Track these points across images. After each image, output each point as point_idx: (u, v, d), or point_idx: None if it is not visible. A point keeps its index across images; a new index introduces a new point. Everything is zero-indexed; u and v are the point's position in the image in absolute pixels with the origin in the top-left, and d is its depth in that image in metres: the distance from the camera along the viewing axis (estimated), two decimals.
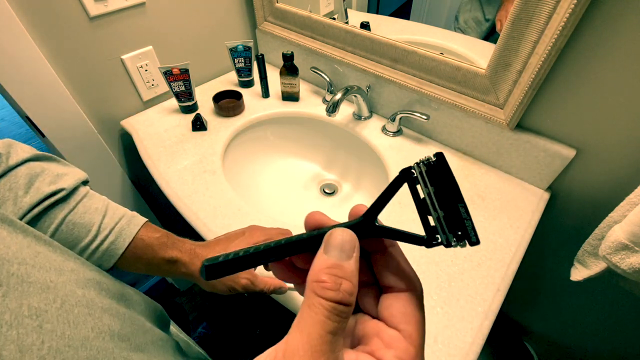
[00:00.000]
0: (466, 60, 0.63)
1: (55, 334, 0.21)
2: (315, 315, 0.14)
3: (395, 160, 0.73)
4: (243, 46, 0.88)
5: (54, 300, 0.23)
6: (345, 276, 0.15)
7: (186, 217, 0.63)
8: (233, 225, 0.61)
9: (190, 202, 0.65)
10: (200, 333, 1.27)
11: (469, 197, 0.65)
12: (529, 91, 0.55)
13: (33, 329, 0.20)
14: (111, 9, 0.71)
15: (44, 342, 0.20)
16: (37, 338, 0.20)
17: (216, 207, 0.64)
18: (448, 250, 0.56)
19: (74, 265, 0.29)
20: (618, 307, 0.74)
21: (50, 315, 0.22)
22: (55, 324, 0.22)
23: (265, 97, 0.93)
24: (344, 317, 0.14)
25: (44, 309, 0.21)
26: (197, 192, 0.67)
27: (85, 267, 0.31)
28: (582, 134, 0.57)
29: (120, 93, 0.83)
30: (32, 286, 0.22)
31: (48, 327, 0.21)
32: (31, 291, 0.21)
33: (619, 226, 0.45)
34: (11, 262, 0.22)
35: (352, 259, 0.16)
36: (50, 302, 0.22)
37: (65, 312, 0.23)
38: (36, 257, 0.24)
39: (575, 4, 0.44)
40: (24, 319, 0.20)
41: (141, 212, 0.44)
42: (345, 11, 0.87)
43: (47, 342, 0.20)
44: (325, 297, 0.14)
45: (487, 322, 0.48)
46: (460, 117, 0.69)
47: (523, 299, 0.94)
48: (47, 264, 0.25)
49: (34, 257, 0.24)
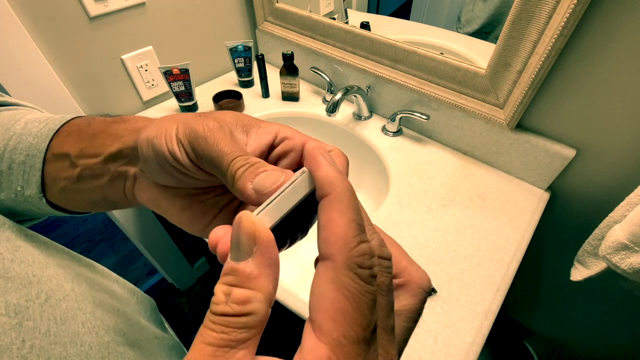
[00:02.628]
0: (466, 60, 0.63)
1: (38, 331, 0.20)
2: (202, 327, 0.12)
3: (395, 160, 0.73)
4: (243, 46, 0.88)
5: (37, 295, 0.21)
6: (238, 283, 0.12)
7: None
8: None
9: None
10: None
11: (469, 197, 0.65)
12: (529, 91, 0.55)
13: (11, 327, 0.19)
14: (111, 9, 0.71)
15: (25, 340, 0.19)
16: (17, 337, 0.19)
17: None
18: (448, 250, 0.56)
19: (62, 260, 0.27)
20: (618, 307, 0.74)
21: (32, 312, 0.20)
22: (37, 320, 0.20)
23: (265, 97, 0.93)
24: (238, 327, 0.12)
25: (24, 305, 0.20)
26: None
27: (75, 262, 0.29)
28: (582, 134, 0.57)
29: (120, 93, 0.83)
30: (11, 282, 0.20)
31: (29, 324, 0.20)
32: (9, 287, 0.20)
33: (619, 226, 0.45)
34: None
35: (251, 257, 0.12)
36: (32, 297, 0.21)
37: (50, 308, 0.22)
38: (16, 252, 0.22)
39: (575, 4, 0.44)
40: (0, 318, 0.19)
41: (142, 215, 0.43)
42: (345, 11, 0.87)
43: (28, 340, 0.19)
44: (211, 311, 0.12)
45: (487, 322, 0.48)
46: (460, 117, 0.69)
47: (523, 299, 0.94)
48: (30, 258, 0.23)
49: (14, 252, 0.22)
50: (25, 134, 0.24)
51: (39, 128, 0.24)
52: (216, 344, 0.11)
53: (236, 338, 0.11)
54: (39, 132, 0.23)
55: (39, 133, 0.23)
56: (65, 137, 0.24)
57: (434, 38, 0.72)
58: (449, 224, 0.60)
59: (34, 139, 0.23)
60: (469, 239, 0.58)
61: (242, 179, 0.16)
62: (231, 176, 0.16)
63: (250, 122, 0.20)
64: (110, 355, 0.25)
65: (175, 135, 0.18)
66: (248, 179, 0.16)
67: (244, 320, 0.12)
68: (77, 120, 0.25)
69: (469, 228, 0.59)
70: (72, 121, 0.25)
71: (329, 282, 0.12)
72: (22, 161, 0.23)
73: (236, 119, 0.20)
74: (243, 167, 0.16)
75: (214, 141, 0.17)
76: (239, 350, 0.11)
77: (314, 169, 0.14)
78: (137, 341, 0.30)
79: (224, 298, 0.12)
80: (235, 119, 0.20)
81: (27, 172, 0.23)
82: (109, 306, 0.29)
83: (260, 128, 0.20)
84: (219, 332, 0.11)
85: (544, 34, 0.49)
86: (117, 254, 1.57)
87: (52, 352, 0.20)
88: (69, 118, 0.25)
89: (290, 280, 0.53)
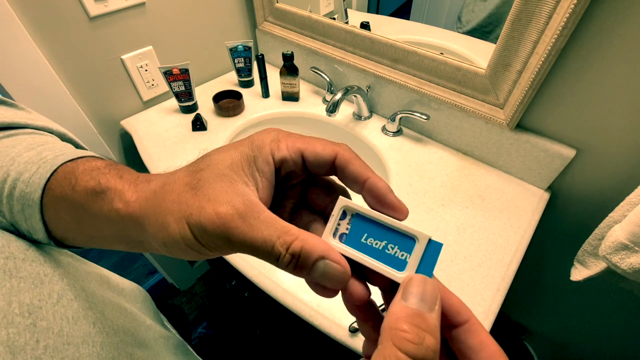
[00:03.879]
0: (466, 60, 0.63)
1: (51, 331, 0.20)
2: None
3: (395, 160, 0.73)
4: (243, 46, 0.88)
5: (49, 295, 0.21)
6: (428, 329, 0.14)
7: None
8: None
9: None
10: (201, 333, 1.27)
11: (469, 197, 0.65)
12: (529, 91, 0.55)
13: (26, 327, 0.19)
14: (111, 9, 0.71)
15: (39, 341, 0.19)
16: (31, 337, 0.19)
17: None
18: (448, 250, 0.56)
19: (72, 259, 0.27)
20: (618, 307, 0.74)
21: (46, 312, 0.20)
22: (51, 320, 0.20)
23: (265, 97, 0.93)
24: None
25: (37, 305, 0.20)
26: None
27: (81, 262, 0.29)
28: (582, 134, 0.57)
29: (120, 93, 0.83)
30: (23, 281, 0.20)
31: (43, 324, 0.20)
32: (22, 287, 0.20)
33: (619, 226, 0.45)
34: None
35: (434, 312, 0.14)
36: (45, 297, 0.21)
37: (62, 308, 0.21)
38: (27, 251, 0.22)
39: (575, 4, 0.44)
40: (14, 318, 0.18)
41: None
42: (345, 11, 0.86)
43: (42, 340, 0.19)
44: (405, 350, 0.13)
45: (487, 322, 0.48)
46: (460, 117, 0.69)
47: (523, 299, 0.94)
48: (41, 257, 0.22)
49: (25, 251, 0.22)
50: (18, 178, 0.22)
51: (30, 173, 0.22)
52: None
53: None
54: (31, 179, 0.22)
55: (31, 181, 0.21)
56: (53, 203, 0.22)
57: (434, 38, 0.72)
58: (449, 224, 0.60)
59: (27, 187, 0.21)
60: (469, 239, 0.58)
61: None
62: (283, 259, 0.16)
63: (259, 150, 0.19)
64: (120, 355, 0.25)
65: (192, 236, 0.17)
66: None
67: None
68: (61, 178, 0.22)
69: (469, 228, 0.59)
70: (58, 176, 0.22)
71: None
72: (20, 210, 0.22)
73: (231, 165, 0.18)
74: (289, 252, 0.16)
75: (242, 237, 0.16)
76: None
77: (481, 345, 0.16)
78: (144, 341, 0.30)
79: (419, 340, 0.13)
80: (230, 164, 0.18)
81: (29, 219, 0.22)
82: (116, 306, 0.29)
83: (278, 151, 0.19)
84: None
85: (544, 34, 0.49)
86: (117, 254, 1.57)
87: (66, 352, 0.20)
88: (58, 164, 0.22)
89: (291, 280, 0.53)
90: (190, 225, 0.16)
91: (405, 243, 0.17)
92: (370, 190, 0.18)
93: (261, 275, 0.53)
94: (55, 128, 0.28)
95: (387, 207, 0.18)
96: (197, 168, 0.18)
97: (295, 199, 0.22)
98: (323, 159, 0.18)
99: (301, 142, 0.19)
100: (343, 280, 0.17)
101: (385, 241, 0.17)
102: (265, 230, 0.16)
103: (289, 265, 0.16)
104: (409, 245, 0.17)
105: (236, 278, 0.93)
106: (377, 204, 0.18)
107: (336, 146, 0.19)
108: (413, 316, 0.14)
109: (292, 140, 0.19)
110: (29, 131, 0.26)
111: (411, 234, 0.17)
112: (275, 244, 0.16)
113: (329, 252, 0.16)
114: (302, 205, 0.22)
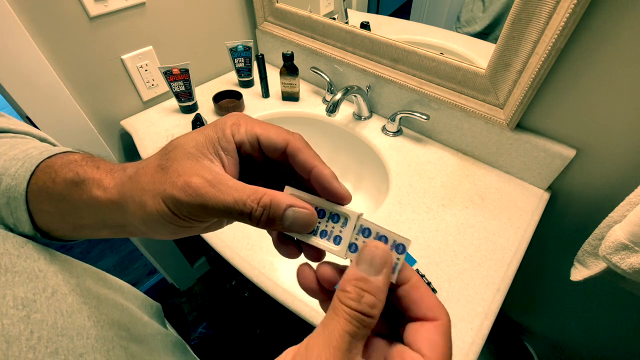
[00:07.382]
0: (466, 60, 0.63)
1: (45, 323, 0.21)
2: (337, 317, 0.15)
3: (396, 160, 0.73)
4: (243, 46, 0.88)
5: (43, 289, 0.22)
6: (369, 290, 0.16)
7: None
8: (233, 225, 0.60)
9: None
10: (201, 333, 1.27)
11: (469, 197, 0.65)
12: (529, 91, 0.55)
13: (20, 319, 0.19)
14: (111, 9, 0.71)
15: (33, 332, 0.20)
16: (25, 328, 0.19)
17: None
18: (448, 250, 0.56)
19: (68, 258, 0.28)
20: (618, 307, 0.74)
21: (40, 305, 0.21)
22: (45, 313, 0.21)
23: (265, 97, 0.93)
24: (364, 325, 0.15)
25: (31, 298, 0.21)
26: None
27: (81, 262, 0.30)
28: (582, 134, 0.57)
29: (120, 93, 0.83)
30: (18, 276, 0.21)
31: (37, 317, 0.20)
32: (17, 281, 0.21)
33: (619, 226, 0.45)
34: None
35: (380, 275, 0.16)
36: (39, 291, 0.22)
37: (56, 301, 0.22)
38: (22, 248, 0.23)
39: (575, 4, 0.44)
40: (8, 310, 0.19)
41: None
42: (345, 11, 0.87)
43: (36, 332, 0.20)
44: (347, 305, 0.15)
45: (487, 322, 0.48)
46: (460, 117, 0.69)
47: (523, 299, 0.94)
48: (35, 254, 0.23)
49: (19, 248, 0.22)
50: (4, 173, 0.23)
51: (16, 168, 0.23)
52: (354, 335, 0.15)
53: (364, 334, 0.15)
54: (17, 173, 0.23)
55: (16, 174, 0.23)
56: (36, 196, 0.23)
57: (434, 38, 0.72)
58: (449, 224, 0.60)
59: (12, 180, 0.23)
60: (469, 239, 0.58)
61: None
62: (255, 213, 0.18)
63: (216, 134, 0.20)
64: (114, 348, 0.26)
65: (167, 209, 0.18)
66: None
67: (369, 321, 0.15)
68: (41, 172, 0.23)
69: (469, 228, 0.59)
70: (39, 171, 0.23)
71: (442, 334, 0.16)
72: (5, 202, 0.23)
73: (196, 145, 0.20)
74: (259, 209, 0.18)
75: (215, 201, 0.18)
76: (361, 344, 0.15)
77: (422, 297, 0.18)
78: (140, 336, 0.30)
79: (358, 297, 0.15)
80: (195, 144, 0.20)
81: (15, 212, 0.23)
82: (112, 302, 0.29)
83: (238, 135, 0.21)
84: (355, 326, 0.15)
85: (544, 34, 0.49)
86: (117, 254, 1.57)
87: (60, 343, 0.21)
88: (42, 159, 0.24)
89: (291, 280, 0.53)
90: (164, 200, 0.18)
91: (344, 222, 0.20)
92: (316, 177, 0.20)
93: (261, 275, 0.53)
94: (35, 132, 0.30)
95: (330, 193, 0.20)
96: (165, 151, 0.20)
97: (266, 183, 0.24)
98: (275, 145, 0.20)
99: (258, 127, 0.21)
100: (312, 222, 0.19)
101: (329, 223, 0.20)
102: (235, 193, 0.18)
103: (261, 218, 0.18)
104: (345, 224, 0.20)
105: (236, 278, 0.94)
106: (322, 190, 0.20)
107: (289, 135, 0.21)
108: (358, 279, 0.16)
109: (251, 125, 0.21)
110: (10, 135, 0.28)
111: (345, 213, 0.20)
112: (246, 201, 0.18)
113: (295, 201, 0.19)
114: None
